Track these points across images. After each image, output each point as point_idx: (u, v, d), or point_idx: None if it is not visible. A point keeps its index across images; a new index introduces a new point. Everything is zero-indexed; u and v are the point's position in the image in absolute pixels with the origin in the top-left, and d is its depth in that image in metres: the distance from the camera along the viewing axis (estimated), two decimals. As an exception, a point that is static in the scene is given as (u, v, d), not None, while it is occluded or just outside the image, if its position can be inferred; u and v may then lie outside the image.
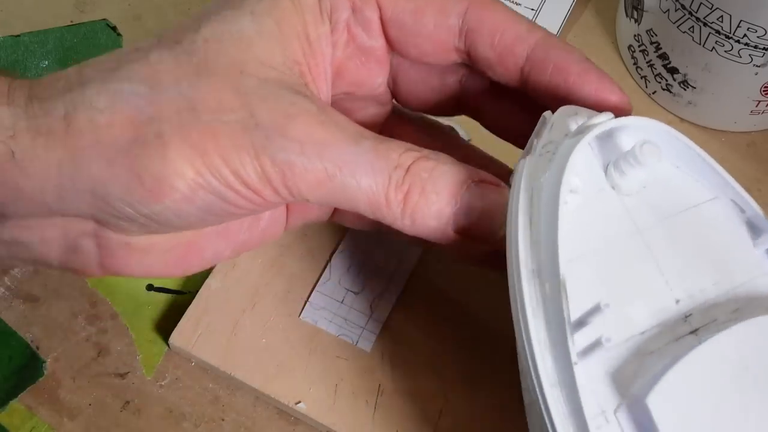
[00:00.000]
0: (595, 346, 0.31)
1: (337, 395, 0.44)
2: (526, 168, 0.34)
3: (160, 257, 0.37)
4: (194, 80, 0.33)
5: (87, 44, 0.54)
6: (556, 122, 0.35)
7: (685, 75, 0.51)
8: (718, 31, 0.48)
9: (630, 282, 0.33)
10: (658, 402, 0.30)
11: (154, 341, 0.47)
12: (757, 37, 0.47)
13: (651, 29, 0.51)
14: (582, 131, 0.33)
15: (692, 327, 0.32)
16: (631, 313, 0.32)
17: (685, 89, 0.52)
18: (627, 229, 0.33)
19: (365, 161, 0.34)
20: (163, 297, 0.48)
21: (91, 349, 0.46)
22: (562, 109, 0.35)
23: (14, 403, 0.45)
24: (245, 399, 0.45)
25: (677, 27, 0.49)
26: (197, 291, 0.47)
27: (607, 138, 0.34)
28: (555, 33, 0.55)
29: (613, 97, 0.36)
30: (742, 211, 0.35)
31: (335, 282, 0.47)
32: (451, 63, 0.39)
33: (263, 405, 0.45)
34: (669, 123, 0.53)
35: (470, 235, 0.35)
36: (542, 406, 0.31)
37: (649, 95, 0.54)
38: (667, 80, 0.52)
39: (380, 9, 0.37)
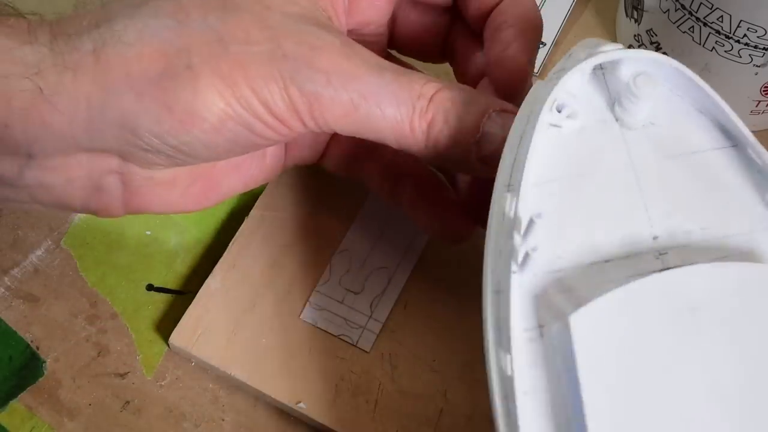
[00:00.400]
0: (527, 258, 0.31)
1: (337, 395, 0.44)
2: (531, 92, 0.34)
3: (180, 192, 0.38)
4: (221, 14, 0.33)
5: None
6: (574, 52, 0.35)
7: (685, 75, 0.51)
8: (718, 31, 0.48)
9: (607, 211, 0.32)
10: (581, 323, 0.29)
11: (154, 341, 0.47)
12: (757, 37, 0.47)
13: (651, 29, 0.51)
14: (588, 59, 0.33)
15: (663, 265, 0.31)
16: (598, 239, 0.31)
17: (685, 89, 0.52)
18: (620, 162, 0.33)
19: (389, 91, 0.34)
20: (163, 297, 0.48)
21: (91, 349, 0.46)
22: (584, 41, 0.35)
23: (14, 403, 0.45)
24: (245, 399, 0.45)
25: (677, 27, 0.49)
26: (197, 291, 0.47)
27: (613, 71, 0.34)
28: (555, 33, 0.55)
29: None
30: (755, 161, 0.34)
31: (335, 282, 0.47)
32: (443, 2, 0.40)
33: (263, 405, 0.45)
34: (669, 123, 0.54)
35: (492, 163, 0.35)
36: (483, 311, 0.31)
37: (649, 95, 0.54)
38: (667, 80, 0.52)
39: None
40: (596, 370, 0.28)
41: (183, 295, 0.48)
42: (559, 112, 0.33)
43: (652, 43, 0.52)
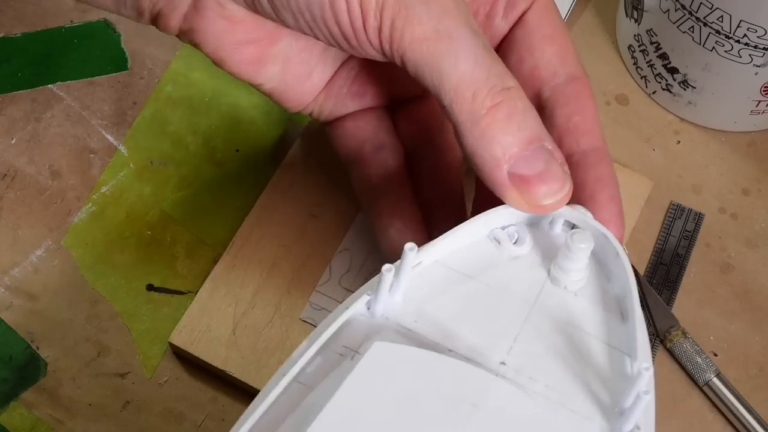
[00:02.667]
0: (386, 298, 0.32)
1: (337, 395, 0.44)
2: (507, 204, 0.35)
3: (235, 41, 0.38)
4: None
5: (87, 44, 0.54)
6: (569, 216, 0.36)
7: (685, 75, 0.51)
8: (718, 31, 0.48)
9: (484, 318, 0.33)
10: (378, 352, 0.30)
11: (154, 341, 0.47)
12: (757, 37, 0.47)
13: (651, 29, 0.51)
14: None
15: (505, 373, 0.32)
16: (458, 331, 0.32)
17: (685, 89, 0.52)
18: (526, 297, 0.34)
19: (474, 50, 0.34)
20: (163, 297, 0.48)
21: (91, 349, 0.46)
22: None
23: (14, 403, 0.45)
24: (245, 399, 0.45)
25: (677, 27, 0.49)
26: (197, 291, 0.47)
27: (573, 236, 0.34)
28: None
29: (610, 226, 0.36)
30: (627, 371, 0.33)
31: (335, 282, 0.47)
32: None
33: (263, 405, 0.45)
34: (669, 123, 0.54)
35: (517, 184, 0.34)
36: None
37: (649, 95, 0.54)
38: (667, 80, 0.52)
39: None
40: (346, 406, 0.29)
41: (183, 295, 0.48)
42: (509, 235, 0.35)
43: (652, 43, 0.52)
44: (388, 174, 0.42)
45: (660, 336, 0.48)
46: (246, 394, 0.45)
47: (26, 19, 0.54)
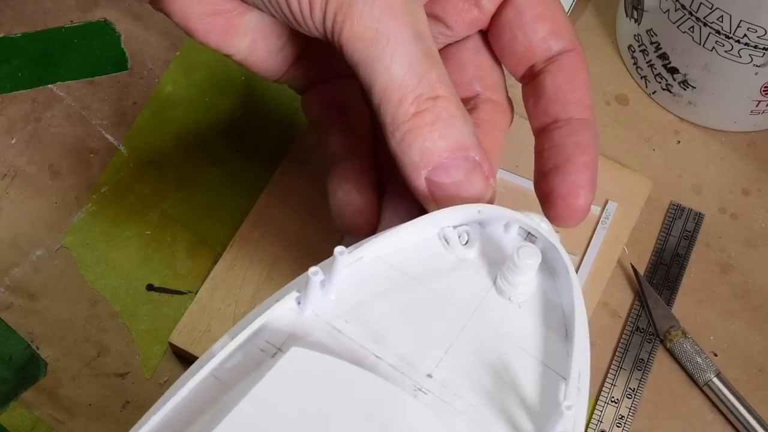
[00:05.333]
0: (319, 294, 0.31)
1: (337, 395, 0.44)
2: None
3: (202, 12, 0.38)
4: None
5: (87, 44, 0.54)
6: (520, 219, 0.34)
7: (685, 75, 0.51)
8: (718, 31, 0.48)
9: (416, 324, 0.32)
10: (295, 357, 0.29)
11: (154, 341, 0.47)
12: (757, 37, 0.47)
13: (651, 29, 0.51)
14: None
15: (411, 392, 0.30)
16: (387, 336, 0.31)
17: (685, 89, 0.52)
18: (465, 305, 0.32)
19: (410, 55, 0.34)
20: (163, 297, 0.48)
21: (91, 349, 0.46)
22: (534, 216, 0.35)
23: (14, 403, 0.45)
24: (245, 399, 0.45)
25: (677, 27, 0.49)
26: (197, 291, 0.47)
27: (524, 249, 0.33)
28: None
29: (581, 191, 0.36)
30: (558, 395, 0.32)
31: (335, 282, 0.47)
32: (513, 72, 0.39)
33: (263, 405, 0.45)
34: (669, 123, 0.54)
35: (433, 190, 0.34)
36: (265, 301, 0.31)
37: (649, 95, 0.54)
38: (667, 80, 0.52)
39: None
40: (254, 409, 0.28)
41: (183, 295, 0.48)
42: (459, 236, 0.33)
43: (652, 43, 0.52)
44: (349, 139, 0.41)
45: (660, 336, 0.48)
46: (246, 394, 0.45)
47: (26, 19, 0.54)
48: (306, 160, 0.50)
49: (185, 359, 0.46)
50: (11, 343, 0.46)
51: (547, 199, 0.36)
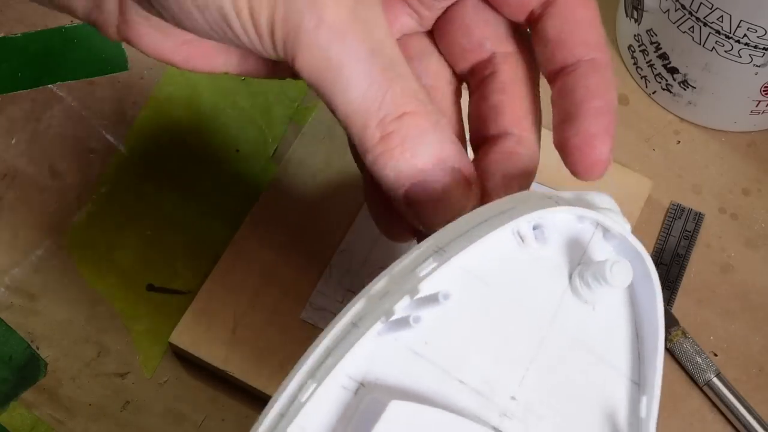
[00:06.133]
0: (402, 323, 0.28)
1: (337, 395, 0.44)
2: (526, 193, 0.32)
3: (172, 44, 0.36)
4: None
5: (87, 44, 0.54)
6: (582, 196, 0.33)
7: (685, 75, 0.51)
8: (718, 31, 0.48)
9: (498, 342, 0.30)
10: (396, 413, 0.27)
11: (154, 341, 0.47)
12: (757, 37, 0.47)
13: (651, 29, 0.51)
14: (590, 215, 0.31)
15: (499, 427, 0.29)
16: (469, 358, 0.30)
17: (685, 89, 0.52)
18: (543, 314, 0.31)
19: (367, 77, 0.32)
20: (163, 297, 0.48)
21: (91, 349, 0.46)
22: (603, 197, 0.33)
23: (14, 403, 0.45)
24: (245, 399, 0.45)
25: (677, 27, 0.49)
26: (197, 291, 0.47)
27: (600, 235, 0.32)
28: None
29: (595, 141, 0.34)
30: (640, 414, 0.31)
31: (335, 282, 0.47)
32: (515, 19, 0.37)
33: (263, 405, 0.45)
34: (669, 123, 0.54)
35: (413, 207, 0.33)
36: (327, 329, 0.29)
37: (649, 95, 0.54)
38: (667, 80, 0.52)
39: None
40: None
41: (183, 295, 0.48)
42: (534, 228, 0.31)
43: (652, 43, 0.52)
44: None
45: (660, 336, 0.48)
46: (246, 394, 0.45)
47: (26, 19, 0.54)
48: (306, 160, 0.50)
49: (185, 359, 0.46)
50: (11, 343, 0.46)
51: (563, 152, 0.34)
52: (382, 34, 0.33)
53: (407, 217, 0.34)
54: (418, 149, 0.33)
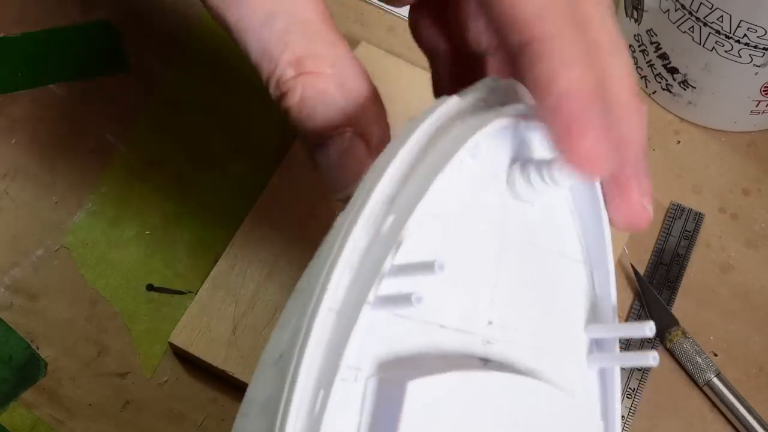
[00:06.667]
0: (399, 300, 0.27)
1: (337, 395, 0.44)
2: (444, 105, 0.30)
3: None
4: None
5: (87, 44, 0.54)
6: (501, 88, 0.31)
7: (685, 75, 0.51)
8: (718, 31, 0.48)
9: (461, 273, 0.29)
10: (416, 392, 0.26)
11: (154, 341, 0.47)
12: (757, 37, 0.47)
13: (651, 29, 0.51)
14: (519, 110, 0.30)
15: (486, 355, 0.29)
16: (444, 303, 0.29)
17: (685, 89, 0.52)
18: (492, 228, 0.30)
19: (262, 41, 0.32)
20: (163, 297, 0.48)
21: (91, 349, 0.46)
22: (513, 83, 0.32)
23: (14, 403, 0.45)
24: (245, 399, 0.45)
25: (677, 27, 0.49)
26: (197, 291, 0.47)
27: (528, 129, 0.30)
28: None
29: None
30: (594, 290, 0.32)
31: (335, 282, 0.47)
32: None
33: (263, 405, 0.45)
34: (669, 123, 0.54)
35: (320, 171, 0.33)
36: (305, 326, 0.27)
37: (649, 95, 0.54)
38: (667, 80, 0.52)
39: None
40: None
41: (183, 295, 0.48)
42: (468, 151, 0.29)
43: (652, 43, 0.52)
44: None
45: (660, 336, 0.48)
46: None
47: (26, 19, 0.54)
48: (306, 160, 0.50)
49: (185, 359, 0.46)
50: (11, 343, 0.46)
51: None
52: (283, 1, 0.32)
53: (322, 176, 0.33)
54: (314, 111, 0.32)
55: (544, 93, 0.27)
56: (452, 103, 0.30)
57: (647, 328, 0.29)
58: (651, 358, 0.29)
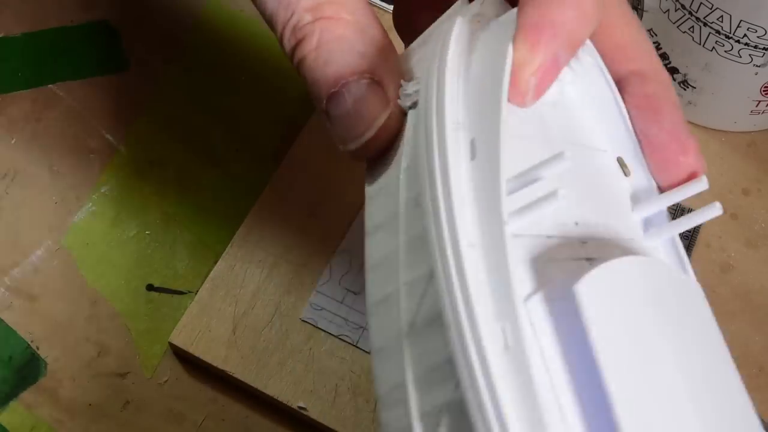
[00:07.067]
0: (535, 205, 0.27)
1: (337, 395, 0.44)
2: (460, 25, 0.30)
3: None
4: None
5: (87, 44, 0.54)
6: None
7: (685, 75, 0.51)
8: (718, 31, 0.48)
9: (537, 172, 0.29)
10: (586, 292, 0.26)
11: (154, 341, 0.47)
12: (757, 37, 0.47)
13: (651, 29, 0.51)
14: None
15: (588, 255, 0.29)
16: (541, 215, 0.28)
17: (685, 89, 0.52)
18: (541, 137, 0.30)
19: None
20: (163, 297, 0.48)
21: (91, 349, 0.46)
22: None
23: (14, 403, 0.45)
24: (245, 399, 0.45)
25: (677, 27, 0.49)
26: (197, 291, 0.47)
27: None
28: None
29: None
30: (626, 174, 0.32)
31: (335, 282, 0.47)
32: None
33: (263, 405, 0.45)
34: (669, 123, 0.54)
35: (330, 125, 0.32)
36: (449, 272, 0.25)
37: (649, 95, 0.54)
38: (667, 80, 0.52)
39: None
40: (606, 343, 0.26)
41: (183, 295, 0.48)
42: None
43: (652, 43, 0.52)
44: None
45: (660, 336, 0.48)
46: (246, 394, 0.45)
47: (26, 19, 0.54)
48: (306, 160, 0.50)
49: (185, 359, 0.46)
50: (11, 343, 0.46)
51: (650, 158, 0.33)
52: None
53: (331, 134, 0.32)
54: (332, 56, 0.31)
55: None
56: (459, 21, 0.30)
57: (701, 183, 0.32)
58: (717, 209, 0.33)
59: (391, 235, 0.29)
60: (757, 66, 0.49)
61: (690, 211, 0.51)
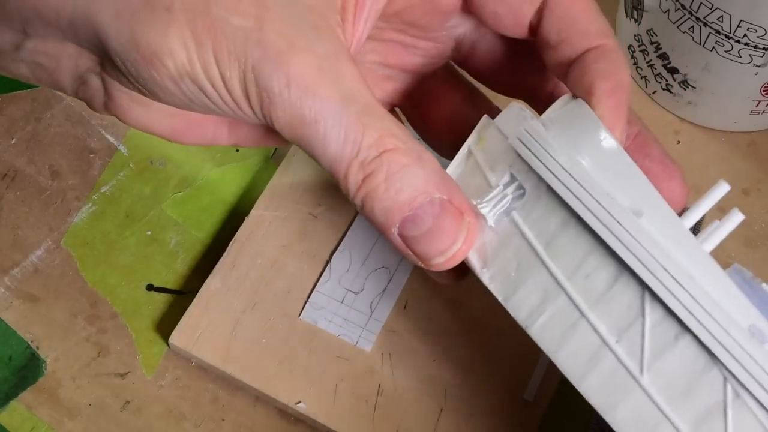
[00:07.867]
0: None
1: (337, 395, 0.44)
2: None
3: (158, 118, 0.37)
4: None
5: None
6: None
7: (685, 75, 0.51)
8: (718, 31, 0.48)
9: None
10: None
11: (154, 341, 0.47)
12: (757, 37, 0.47)
13: (651, 29, 0.51)
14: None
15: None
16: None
17: (685, 89, 0.52)
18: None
19: (342, 126, 0.33)
20: (163, 297, 0.48)
21: (91, 349, 0.46)
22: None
23: (14, 403, 0.45)
24: (245, 399, 0.45)
25: (677, 27, 0.49)
26: (197, 291, 0.47)
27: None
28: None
29: (606, 121, 0.35)
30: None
31: (335, 282, 0.47)
32: (519, 36, 0.38)
33: (263, 405, 0.45)
34: (669, 123, 0.54)
35: (409, 246, 0.34)
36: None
37: (649, 95, 0.54)
38: (667, 80, 0.52)
39: None
40: None
41: (183, 295, 0.48)
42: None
43: (652, 43, 0.52)
44: None
45: (660, 336, 0.47)
46: (246, 394, 0.45)
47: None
48: (306, 160, 0.50)
49: (185, 359, 0.46)
50: (11, 343, 0.46)
51: None
52: (351, 81, 0.33)
53: (406, 256, 0.34)
54: (403, 184, 0.33)
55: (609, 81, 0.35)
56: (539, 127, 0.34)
57: (723, 186, 0.38)
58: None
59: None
60: (757, 66, 0.49)
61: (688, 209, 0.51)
